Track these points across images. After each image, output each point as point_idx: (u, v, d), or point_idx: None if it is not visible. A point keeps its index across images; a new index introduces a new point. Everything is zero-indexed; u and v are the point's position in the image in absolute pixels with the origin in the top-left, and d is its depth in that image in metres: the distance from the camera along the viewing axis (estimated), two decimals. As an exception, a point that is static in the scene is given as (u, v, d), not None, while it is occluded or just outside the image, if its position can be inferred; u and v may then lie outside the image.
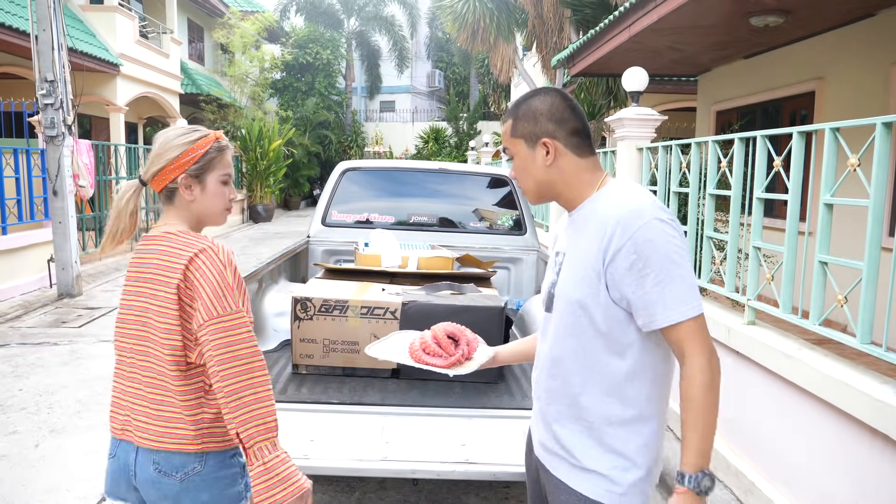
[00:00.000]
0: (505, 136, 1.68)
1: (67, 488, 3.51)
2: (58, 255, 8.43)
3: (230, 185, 1.83)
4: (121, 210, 1.81)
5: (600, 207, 1.56)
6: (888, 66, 5.87)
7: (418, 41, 34.55)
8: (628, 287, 1.48)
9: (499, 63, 14.82)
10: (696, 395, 1.46)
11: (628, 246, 1.46)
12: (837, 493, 2.78)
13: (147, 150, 13.51)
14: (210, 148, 1.76)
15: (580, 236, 1.58)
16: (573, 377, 1.60)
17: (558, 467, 1.66)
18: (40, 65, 7.99)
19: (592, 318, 1.53)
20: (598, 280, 1.51)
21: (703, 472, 1.46)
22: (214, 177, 1.77)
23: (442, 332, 1.88)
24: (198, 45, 22.60)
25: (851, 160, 2.72)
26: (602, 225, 1.51)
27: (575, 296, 1.55)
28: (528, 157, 1.62)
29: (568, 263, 1.60)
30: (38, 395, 4.89)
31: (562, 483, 1.64)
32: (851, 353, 3.01)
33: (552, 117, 1.60)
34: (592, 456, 1.59)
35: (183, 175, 1.73)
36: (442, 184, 4.86)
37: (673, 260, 1.46)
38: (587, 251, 1.54)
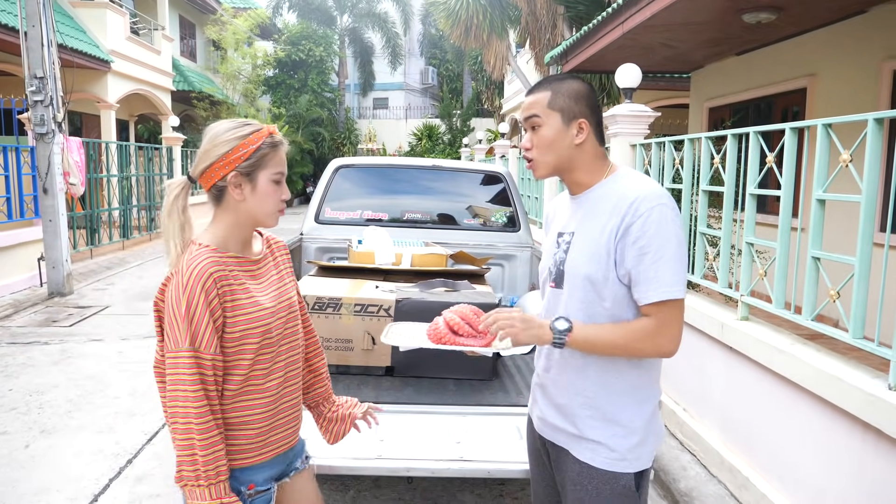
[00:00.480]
0: (537, 106, 1.70)
1: (58, 489, 3.49)
2: (48, 254, 8.37)
3: (283, 185, 1.71)
4: (170, 208, 1.72)
5: (615, 189, 1.68)
6: (879, 62, 5.89)
7: (411, 38, 34.48)
8: (630, 261, 1.60)
9: (492, 60, 14.80)
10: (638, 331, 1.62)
11: (638, 223, 1.59)
12: (830, 487, 2.79)
13: (138, 147, 13.48)
14: (263, 143, 1.65)
15: (592, 216, 1.69)
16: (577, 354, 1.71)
17: (561, 438, 1.78)
18: (30, 61, 7.92)
19: (600, 292, 1.65)
20: (608, 257, 1.63)
21: (560, 331, 1.63)
22: (266, 175, 1.66)
23: (469, 310, 1.80)
24: (189, 42, 22.49)
25: (843, 156, 2.73)
26: (617, 205, 1.64)
27: (585, 271, 1.66)
28: (560, 131, 1.69)
29: (579, 241, 1.70)
30: (28, 394, 4.86)
31: (566, 452, 1.77)
32: (844, 347, 3.02)
33: (589, 103, 1.71)
34: (592, 426, 1.71)
35: (233, 173, 1.64)
36: (436, 181, 4.85)
37: (670, 244, 1.59)
38: (601, 229, 1.65)
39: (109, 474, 3.66)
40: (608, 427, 1.71)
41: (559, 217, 1.85)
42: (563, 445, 1.78)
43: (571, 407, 1.74)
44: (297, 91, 26.79)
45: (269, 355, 1.72)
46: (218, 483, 1.58)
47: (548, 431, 1.84)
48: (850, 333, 2.72)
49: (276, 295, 1.77)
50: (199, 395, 1.57)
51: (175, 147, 15.21)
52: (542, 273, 1.87)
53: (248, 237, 1.76)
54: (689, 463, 3.87)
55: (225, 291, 1.62)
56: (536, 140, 1.72)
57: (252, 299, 1.68)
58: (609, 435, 1.70)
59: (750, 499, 3.33)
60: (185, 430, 1.56)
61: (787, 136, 3.20)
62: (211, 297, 1.59)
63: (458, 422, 2.79)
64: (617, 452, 1.70)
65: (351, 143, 29.33)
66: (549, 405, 1.82)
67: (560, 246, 1.76)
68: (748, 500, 3.35)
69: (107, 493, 3.45)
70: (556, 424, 1.80)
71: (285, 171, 1.72)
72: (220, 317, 1.61)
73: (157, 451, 3.95)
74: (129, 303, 8.11)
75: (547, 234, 1.92)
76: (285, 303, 1.79)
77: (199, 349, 1.58)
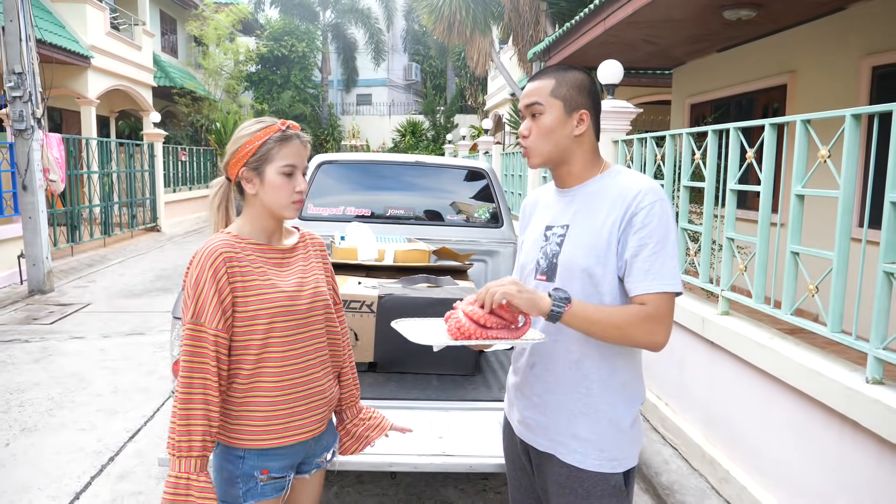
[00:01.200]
0: (539, 93, 1.67)
1: (39, 487, 3.46)
2: (28, 251, 8.27)
3: (296, 176, 1.75)
4: (211, 204, 1.85)
5: (614, 185, 1.67)
6: (858, 59, 5.96)
7: (395, 34, 34.40)
8: (629, 251, 1.59)
9: (475, 56, 14.82)
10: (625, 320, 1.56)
11: (641, 214, 1.58)
12: (810, 479, 2.83)
13: (119, 143, 13.35)
14: (269, 139, 1.72)
15: (589, 210, 1.67)
16: (574, 344, 1.67)
17: (543, 441, 1.73)
18: (8, 56, 7.82)
19: (598, 286, 1.62)
20: (608, 249, 1.61)
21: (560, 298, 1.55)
22: (273, 168, 1.72)
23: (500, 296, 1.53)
24: (171, 38, 22.27)
25: (822, 152, 2.76)
26: (618, 198, 1.63)
27: (584, 263, 1.63)
28: (560, 121, 1.66)
29: (575, 234, 1.67)
30: (8, 392, 4.81)
31: (548, 456, 1.71)
32: (823, 341, 3.06)
33: (591, 96, 1.70)
34: (583, 423, 1.67)
35: (243, 168, 1.74)
36: (419, 177, 4.85)
37: (669, 239, 1.59)
38: (601, 223, 1.63)
39: (91, 472, 3.63)
40: (599, 426, 1.66)
41: (544, 210, 1.81)
42: (547, 450, 1.72)
43: (561, 404, 1.69)
44: (280, 87, 26.64)
45: (285, 337, 1.75)
46: (190, 458, 1.61)
47: (529, 435, 1.77)
48: (828, 327, 2.76)
49: (298, 282, 1.81)
50: (193, 368, 1.64)
51: (157, 143, 15.08)
52: (525, 266, 1.81)
53: (272, 228, 1.81)
54: (670, 457, 3.91)
55: (235, 271, 1.69)
56: (536, 128, 1.68)
57: (269, 282, 1.74)
58: (600, 434, 1.66)
59: (731, 492, 3.37)
60: (179, 397, 1.65)
61: (766, 132, 3.23)
62: (219, 276, 1.66)
63: (440, 417, 2.80)
64: (607, 452, 1.66)
65: (334, 140, 29.22)
66: (532, 405, 1.75)
67: (549, 239, 1.73)
68: (729, 494, 3.39)
69: (88, 491, 3.43)
70: (540, 425, 1.73)
71: (298, 163, 1.76)
72: (228, 295, 1.68)
73: (139, 448, 3.93)
74: (111, 300, 8.04)
75: (527, 227, 1.88)
76: (308, 291, 1.82)
77: (202, 324, 1.65)
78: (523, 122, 1.73)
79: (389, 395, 2.89)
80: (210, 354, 1.65)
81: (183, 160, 17.28)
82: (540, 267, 1.73)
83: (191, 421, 1.63)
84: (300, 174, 1.76)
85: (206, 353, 1.65)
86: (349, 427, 2.05)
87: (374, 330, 3.15)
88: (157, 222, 15.18)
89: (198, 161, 18.56)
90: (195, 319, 1.65)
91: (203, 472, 1.64)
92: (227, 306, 1.67)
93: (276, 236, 1.84)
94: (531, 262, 1.77)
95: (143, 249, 12.48)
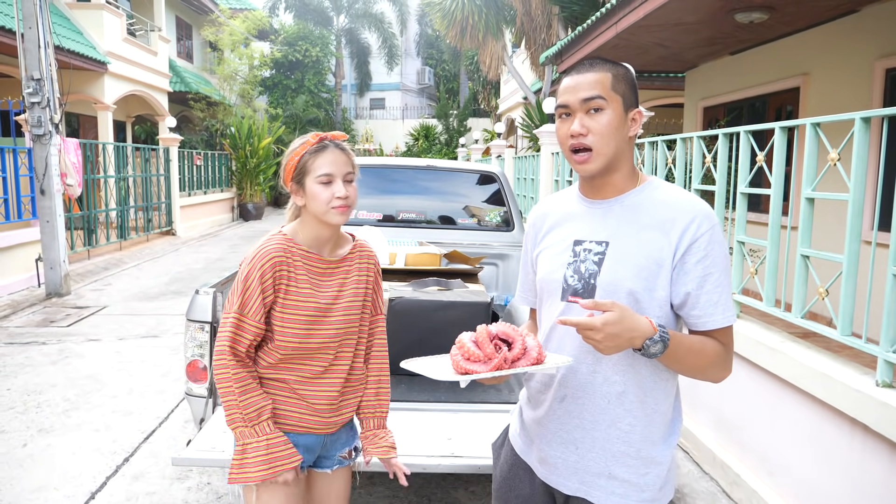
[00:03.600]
0: (601, 86, 1.48)
1: (56, 487, 3.51)
2: (46, 255, 8.38)
3: (336, 183, 1.82)
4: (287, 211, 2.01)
5: (659, 199, 1.51)
6: (872, 60, 5.92)
7: (408, 38, 34.52)
8: (692, 282, 1.45)
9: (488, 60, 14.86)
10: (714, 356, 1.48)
11: (701, 242, 1.45)
12: (820, 483, 2.83)
13: (135, 148, 13.49)
14: (306, 153, 1.83)
15: (633, 226, 1.50)
16: (616, 374, 1.50)
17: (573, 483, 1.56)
18: (27, 63, 7.94)
19: (642, 312, 1.45)
20: (659, 272, 1.46)
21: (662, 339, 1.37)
22: (311, 179, 1.82)
23: (484, 331, 1.47)
24: (186, 43, 22.49)
25: (832, 155, 2.76)
26: (671, 217, 1.47)
27: (630, 286, 1.46)
28: (621, 119, 1.49)
29: (618, 252, 1.49)
30: (26, 394, 4.88)
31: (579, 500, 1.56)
32: (836, 345, 3.05)
33: (637, 95, 1.55)
34: (625, 463, 1.51)
35: (291, 184, 1.87)
36: (430, 181, 4.88)
37: (728, 267, 1.49)
38: (650, 242, 1.47)
39: (106, 472, 3.68)
40: (642, 465, 1.51)
41: (568, 222, 1.61)
42: (576, 493, 1.55)
43: (597, 442, 1.52)
44: (294, 92, 26.80)
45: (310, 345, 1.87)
46: (261, 422, 1.81)
47: (554, 477, 1.59)
48: (838, 331, 2.75)
49: (334, 296, 1.91)
50: (236, 352, 1.82)
51: (172, 148, 15.22)
52: (547, 284, 1.60)
53: (324, 237, 1.90)
54: (681, 460, 3.90)
55: (282, 275, 1.83)
56: (597, 125, 1.47)
57: (307, 291, 1.86)
58: (642, 473, 1.51)
59: (741, 495, 3.37)
60: (224, 379, 1.80)
61: (776, 136, 3.23)
62: (265, 278, 1.81)
63: (449, 419, 2.82)
64: (648, 492, 1.52)
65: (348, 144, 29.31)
66: (557, 442, 1.57)
67: (580, 255, 1.53)
68: (739, 497, 3.38)
69: (104, 491, 3.48)
70: (569, 465, 1.56)
71: (335, 171, 1.82)
72: (270, 295, 1.83)
73: (153, 449, 3.98)
74: (127, 303, 8.13)
75: (541, 240, 1.68)
76: (342, 305, 1.92)
77: (246, 315, 1.82)
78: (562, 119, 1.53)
79: (400, 396, 2.91)
80: (249, 341, 1.83)
81: (198, 164, 17.42)
82: (570, 287, 1.53)
83: (250, 393, 1.81)
84: (339, 181, 1.83)
85: (245, 341, 1.82)
86: (362, 435, 2.09)
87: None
88: (173, 226, 15.32)
89: (213, 165, 18.70)
90: (241, 310, 1.82)
91: (276, 430, 1.84)
92: (268, 304, 1.84)
93: (328, 246, 1.93)
94: (556, 280, 1.57)
95: (158, 253, 12.60)
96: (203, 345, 2.85)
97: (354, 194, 1.86)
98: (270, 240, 1.87)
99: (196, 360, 2.86)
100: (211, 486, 3.49)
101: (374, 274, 2.04)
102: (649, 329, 1.34)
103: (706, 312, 1.45)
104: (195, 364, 2.86)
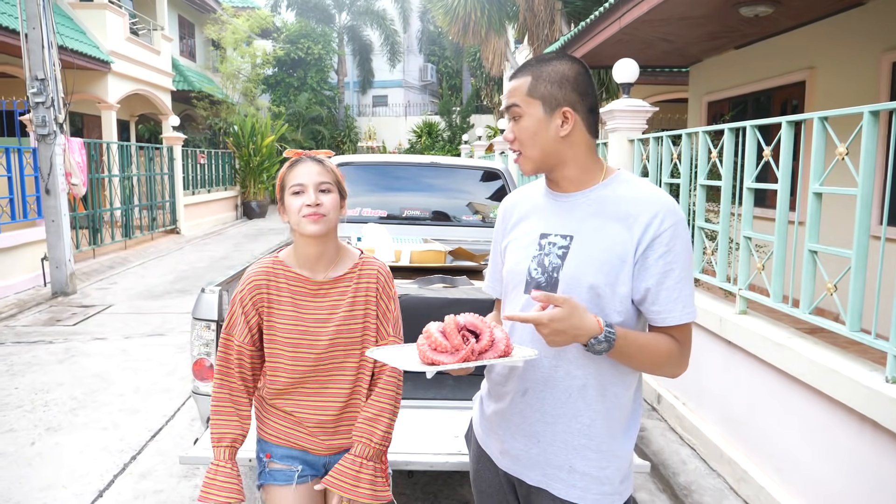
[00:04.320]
0: (516, 94, 1.51)
1: (64, 485, 3.52)
2: (51, 254, 8.41)
3: (306, 193, 1.80)
4: None
5: (625, 194, 1.50)
6: (878, 54, 5.89)
7: (410, 35, 34.45)
8: (652, 278, 1.45)
9: (490, 56, 14.82)
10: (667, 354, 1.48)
11: (663, 237, 1.44)
12: (828, 479, 2.81)
13: (139, 147, 13.49)
14: (284, 173, 1.87)
15: (598, 220, 1.49)
16: (577, 369, 1.50)
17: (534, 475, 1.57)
18: (30, 63, 7.95)
19: (603, 306, 1.46)
20: (621, 267, 1.45)
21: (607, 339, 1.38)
22: (287, 194, 1.84)
23: (452, 322, 1.45)
24: (189, 42, 22.49)
25: (840, 149, 2.74)
26: (634, 213, 1.46)
27: (592, 281, 1.46)
28: (542, 122, 1.49)
29: (582, 247, 1.49)
30: (33, 393, 4.89)
31: (539, 491, 1.57)
32: (844, 341, 3.03)
33: (577, 87, 1.50)
34: (585, 457, 1.52)
35: (279, 205, 1.90)
36: (434, 178, 4.87)
37: (689, 263, 1.48)
38: (614, 237, 1.46)
39: (114, 470, 3.69)
40: (603, 458, 1.52)
41: (536, 215, 1.61)
42: (538, 484, 1.56)
43: (558, 435, 1.52)
44: (297, 89, 26.80)
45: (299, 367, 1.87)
46: (220, 447, 1.83)
47: (515, 467, 1.59)
48: (847, 326, 2.73)
49: (325, 318, 1.87)
50: (221, 370, 1.88)
51: (176, 146, 15.24)
52: (512, 277, 1.60)
53: (310, 254, 1.87)
54: (688, 457, 3.89)
55: (261, 298, 1.87)
56: (518, 131, 1.51)
57: (292, 313, 1.86)
58: (603, 467, 1.52)
59: (749, 492, 3.35)
60: (213, 396, 1.88)
61: (783, 130, 3.21)
62: (245, 301, 1.87)
63: (456, 416, 2.82)
64: (609, 486, 1.53)
65: (351, 141, 29.33)
66: (523, 435, 1.56)
67: (545, 249, 1.53)
68: (747, 494, 3.37)
69: (111, 489, 3.49)
70: (531, 457, 1.56)
71: (306, 181, 1.81)
72: (254, 316, 1.87)
73: (160, 447, 3.98)
74: (132, 302, 8.14)
75: (510, 231, 1.67)
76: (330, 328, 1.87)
77: (232, 335, 1.88)
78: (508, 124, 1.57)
79: (406, 394, 2.90)
80: (234, 361, 1.87)
81: (202, 163, 17.45)
82: (534, 280, 1.53)
83: (221, 415, 1.85)
84: (311, 190, 1.79)
85: (231, 359, 1.88)
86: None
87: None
88: (177, 224, 15.35)
89: (216, 164, 18.72)
90: (228, 330, 1.89)
91: (231, 460, 1.83)
92: (252, 325, 1.87)
93: (320, 264, 1.88)
94: (520, 272, 1.57)
95: (163, 251, 12.62)
96: (209, 343, 2.85)
97: (330, 203, 1.81)
98: (257, 263, 1.92)
99: (202, 359, 2.86)
100: (218, 485, 3.49)
101: (376, 294, 1.92)
102: (595, 328, 1.35)
103: (665, 308, 1.46)
104: (201, 363, 2.86)
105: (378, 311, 1.92)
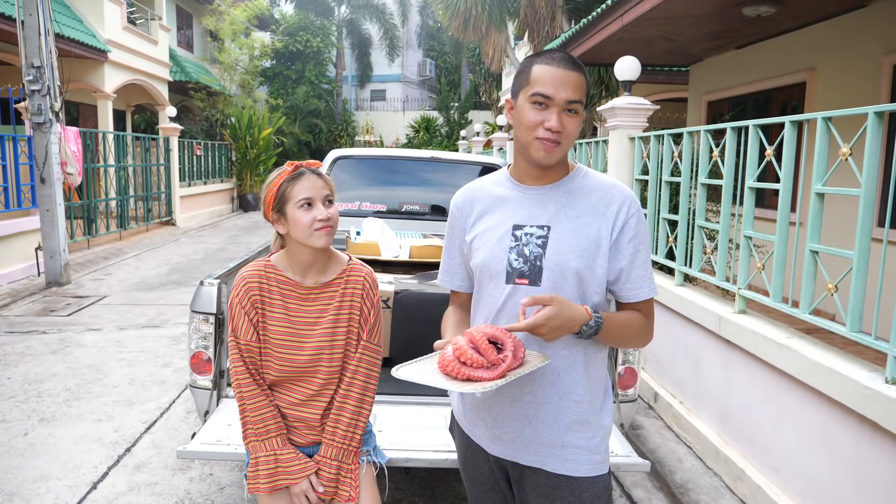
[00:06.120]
0: (581, 91, 1.54)
1: (57, 477, 3.50)
2: (46, 244, 8.35)
3: (316, 206, 1.89)
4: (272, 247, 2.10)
5: (593, 184, 1.65)
6: (879, 56, 5.89)
7: (409, 29, 34.37)
8: (625, 259, 1.61)
9: (490, 52, 14.76)
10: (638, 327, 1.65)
11: (631, 222, 1.60)
12: (826, 479, 2.81)
13: (135, 137, 13.42)
14: (283, 183, 1.90)
15: (573, 210, 1.61)
16: (564, 349, 1.60)
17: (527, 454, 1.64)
18: (27, 50, 7.88)
19: (585, 290, 1.60)
20: (598, 251, 1.59)
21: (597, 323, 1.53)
22: (292, 206, 1.89)
23: (481, 334, 1.47)
24: (186, 32, 22.37)
25: (843, 149, 2.73)
26: (604, 201, 1.61)
27: (576, 265, 1.58)
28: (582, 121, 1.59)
29: (561, 235, 1.59)
30: (26, 383, 4.86)
31: (533, 469, 1.64)
32: (841, 341, 3.03)
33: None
34: (575, 430, 1.63)
35: (272, 213, 1.94)
36: (434, 172, 4.85)
37: (649, 244, 1.66)
38: (588, 225, 1.60)
39: (108, 462, 3.67)
40: (591, 430, 1.63)
41: (503, 207, 1.66)
42: (533, 463, 1.63)
43: (550, 414, 1.60)
44: (295, 82, 26.72)
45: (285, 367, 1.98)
46: (269, 438, 1.94)
47: (508, 451, 1.66)
48: (847, 327, 2.73)
49: (312, 322, 1.97)
50: (243, 370, 1.96)
51: (172, 137, 15.16)
52: (488, 268, 1.64)
53: (307, 261, 1.97)
54: (685, 455, 3.89)
55: (256, 299, 1.96)
56: (571, 127, 1.54)
57: (282, 316, 1.96)
58: (590, 437, 1.63)
59: (745, 491, 3.36)
60: (238, 397, 1.96)
61: (786, 130, 3.20)
62: (244, 301, 1.95)
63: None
64: (598, 455, 1.64)
65: (348, 135, 29.27)
66: (510, 419, 1.63)
67: (521, 239, 1.60)
68: (743, 493, 3.37)
69: (105, 481, 3.46)
70: (524, 438, 1.62)
71: (314, 195, 1.89)
72: (255, 315, 1.96)
73: (155, 439, 3.96)
74: (127, 293, 8.10)
75: (473, 225, 1.72)
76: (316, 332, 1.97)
77: (239, 337, 1.96)
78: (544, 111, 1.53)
79: (404, 390, 2.89)
80: (247, 360, 1.96)
81: (198, 154, 17.37)
82: (516, 270, 1.60)
83: (260, 410, 1.94)
84: (320, 204, 1.89)
85: (245, 360, 1.96)
86: None
87: (389, 325, 3.16)
88: (173, 216, 15.28)
89: (213, 155, 18.64)
90: (234, 334, 1.96)
91: (286, 445, 1.96)
92: (255, 322, 1.96)
93: (312, 270, 1.99)
94: (498, 263, 1.62)
95: (158, 243, 12.57)
96: (207, 336, 2.83)
97: (336, 216, 1.93)
98: (249, 266, 1.99)
99: (200, 352, 2.84)
100: (213, 477, 3.48)
101: (361, 298, 2.02)
102: (585, 316, 1.51)
103: (637, 286, 1.62)
104: (199, 356, 2.84)
105: (360, 317, 2.03)
